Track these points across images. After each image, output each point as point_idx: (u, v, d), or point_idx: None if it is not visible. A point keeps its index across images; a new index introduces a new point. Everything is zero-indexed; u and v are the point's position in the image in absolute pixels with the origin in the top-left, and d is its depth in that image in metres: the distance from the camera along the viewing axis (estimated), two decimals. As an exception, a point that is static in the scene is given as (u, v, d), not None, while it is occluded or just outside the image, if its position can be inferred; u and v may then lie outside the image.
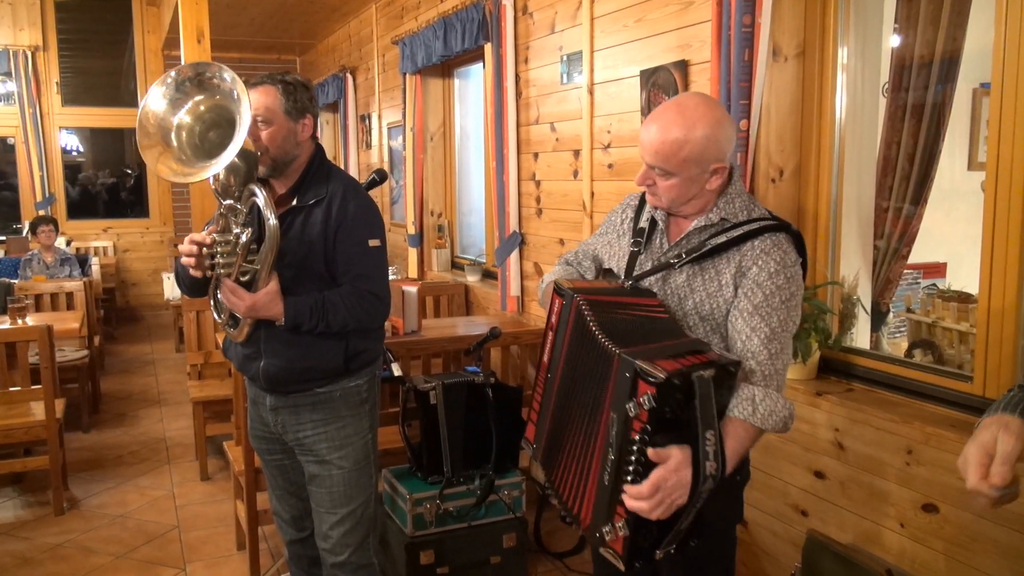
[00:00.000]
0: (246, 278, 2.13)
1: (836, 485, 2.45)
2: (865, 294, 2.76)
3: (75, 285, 5.70)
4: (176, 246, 8.57)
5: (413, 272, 5.85)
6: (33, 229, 6.74)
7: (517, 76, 4.26)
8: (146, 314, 9.32)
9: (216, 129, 2.04)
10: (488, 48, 4.40)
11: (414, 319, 3.76)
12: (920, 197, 2.80)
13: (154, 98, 2.07)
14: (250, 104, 2.04)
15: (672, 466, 1.49)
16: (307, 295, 2.20)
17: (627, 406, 1.48)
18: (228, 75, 2.03)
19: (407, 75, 5.60)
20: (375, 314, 2.27)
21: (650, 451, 1.48)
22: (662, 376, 1.44)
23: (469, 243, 5.86)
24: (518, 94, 4.26)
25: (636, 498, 1.49)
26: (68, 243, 7.79)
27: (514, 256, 4.34)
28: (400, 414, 3.19)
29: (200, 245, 2.11)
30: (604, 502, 1.55)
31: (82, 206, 9.40)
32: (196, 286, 2.32)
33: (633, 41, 3.29)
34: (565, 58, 3.81)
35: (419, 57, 5.31)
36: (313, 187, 2.27)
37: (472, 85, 5.70)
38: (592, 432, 1.61)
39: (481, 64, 4.88)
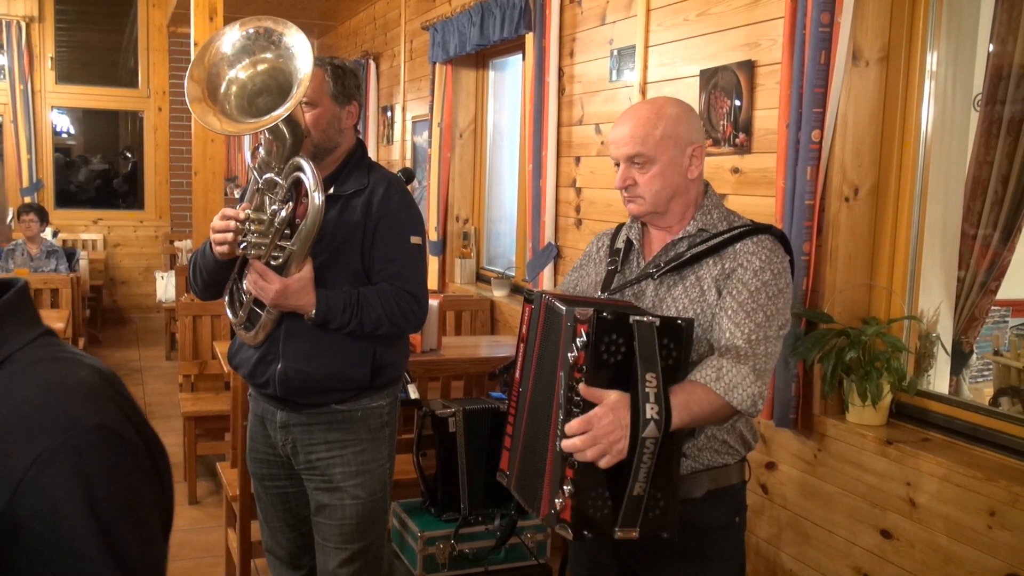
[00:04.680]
0: (277, 262, 2.18)
1: (906, 547, 2.43)
2: (946, 332, 2.73)
3: (61, 280, 5.79)
4: (172, 243, 8.70)
5: (433, 284, 5.87)
6: (18, 216, 6.86)
7: (560, 71, 4.28)
8: (135, 316, 9.44)
9: (266, 95, 2.12)
10: (529, 38, 4.43)
11: (434, 336, 3.78)
12: (1014, 225, 2.77)
13: (228, 41, 2.16)
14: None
15: (608, 404, 1.61)
16: (340, 290, 2.24)
17: (569, 355, 1.62)
18: (300, 39, 2.12)
19: (437, 64, 5.64)
20: (411, 316, 2.31)
21: (581, 387, 1.61)
22: (590, 311, 1.59)
23: (497, 254, 5.88)
24: (561, 90, 4.28)
25: (569, 434, 1.61)
26: (55, 234, 7.93)
27: (548, 271, 4.35)
28: (414, 442, 3.20)
29: (233, 220, 2.17)
30: (558, 473, 1.65)
31: (71, 194, 9.56)
32: (215, 280, 2.36)
33: (694, 37, 3.30)
34: (615, 53, 3.83)
35: (451, 45, 5.36)
36: (353, 178, 2.34)
37: (509, 78, 5.74)
38: (551, 415, 1.71)
39: (520, 56, 4.91)
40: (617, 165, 1.92)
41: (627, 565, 1.96)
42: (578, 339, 1.60)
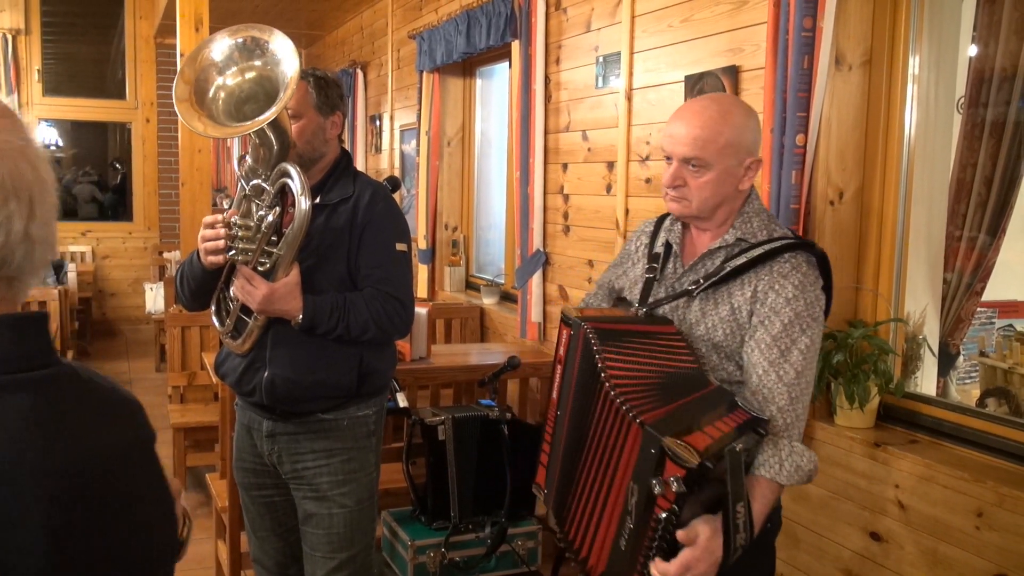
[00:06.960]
0: (265, 267, 2.18)
1: (895, 549, 2.43)
2: (932, 334, 2.74)
3: (49, 293, 5.76)
4: (161, 254, 8.67)
5: (423, 292, 5.87)
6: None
7: (547, 78, 4.28)
8: (124, 328, 9.40)
9: (253, 103, 2.14)
10: (515, 46, 4.43)
11: (423, 344, 3.77)
12: (998, 227, 2.78)
13: (217, 49, 2.16)
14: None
15: (702, 545, 1.56)
16: (327, 295, 2.24)
17: (651, 482, 1.53)
18: (285, 44, 2.12)
19: (424, 73, 5.65)
20: (398, 321, 2.32)
21: (679, 533, 1.55)
22: (695, 463, 1.49)
23: (486, 261, 5.88)
24: (547, 98, 4.29)
25: None
26: (42, 247, 7.88)
27: (536, 278, 4.34)
28: (404, 450, 3.19)
29: (220, 225, 2.17)
30: (621, 566, 1.63)
31: (60, 207, 9.53)
32: (203, 290, 2.36)
33: (678, 43, 3.31)
34: (601, 59, 3.84)
35: (438, 53, 5.36)
36: (339, 186, 2.36)
37: (496, 86, 5.74)
38: (606, 485, 1.67)
39: (507, 63, 4.91)
40: (668, 159, 1.82)
41: None
42: (670, 479, 1.50)
